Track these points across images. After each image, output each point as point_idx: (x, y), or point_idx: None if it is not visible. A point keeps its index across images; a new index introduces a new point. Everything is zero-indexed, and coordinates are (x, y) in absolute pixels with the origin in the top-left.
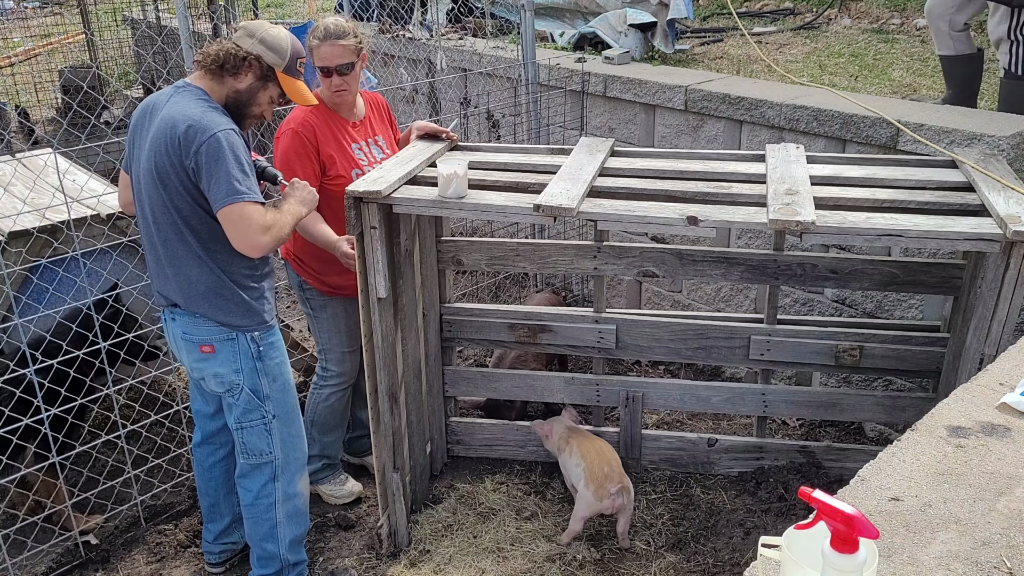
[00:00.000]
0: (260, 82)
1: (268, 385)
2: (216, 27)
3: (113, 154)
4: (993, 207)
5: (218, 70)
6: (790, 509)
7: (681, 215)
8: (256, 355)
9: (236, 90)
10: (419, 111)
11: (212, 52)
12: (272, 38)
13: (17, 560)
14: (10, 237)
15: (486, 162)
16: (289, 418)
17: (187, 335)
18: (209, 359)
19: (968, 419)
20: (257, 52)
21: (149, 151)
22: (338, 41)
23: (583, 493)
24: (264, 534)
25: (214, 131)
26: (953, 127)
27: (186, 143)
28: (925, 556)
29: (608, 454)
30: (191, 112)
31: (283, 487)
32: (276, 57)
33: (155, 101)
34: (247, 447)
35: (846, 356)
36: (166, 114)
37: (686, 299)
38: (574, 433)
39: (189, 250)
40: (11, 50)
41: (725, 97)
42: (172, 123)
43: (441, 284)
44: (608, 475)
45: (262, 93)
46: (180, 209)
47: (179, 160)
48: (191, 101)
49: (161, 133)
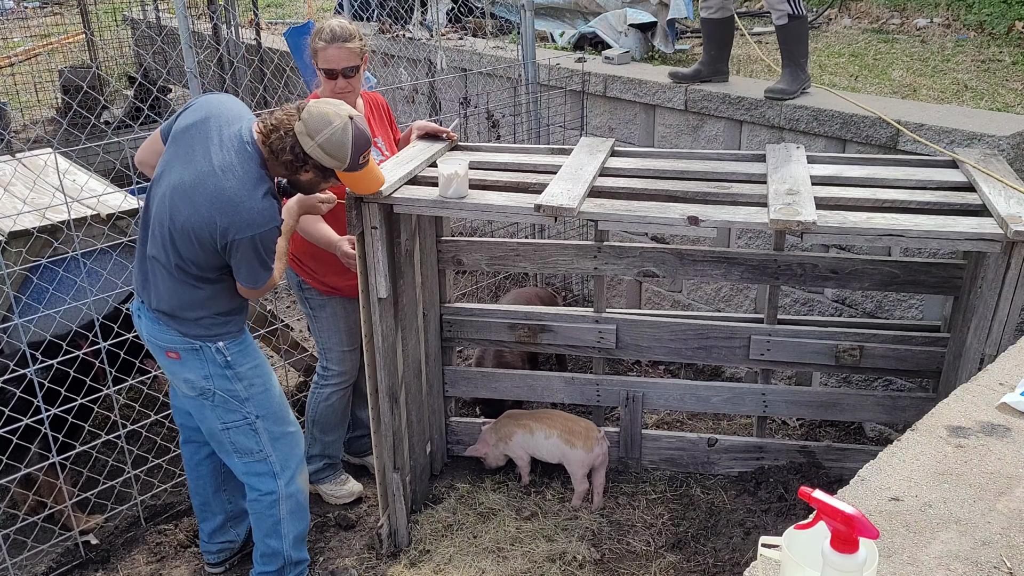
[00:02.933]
0: (320, 175)
1: (245, 389)
2: (216, 27)
3: (113, 154)
4: (994, 207)
5: (275, 158)
6: (790, 509)
7: (682, 215)
8: (224, 363)
9: (296, 179)
10: (419, 111)
11: (272, 139)
12: (333, 145)
13: (17, 560)
14: (10, 237)
15: (486, 162)
16: (277, 416)
17: (152, 339)
18: (176, 365)
19: (968, 419)
20: (316, 157)
21: (186, 198)
22: (345, 44)
23: (574, 454)
24: (268, 530)
25: (255, 232)
26: (953, 127)
27: (228, 230)
28: (925, 556)
29: (562, 414)
30: (245, 196)
31: (284, 484)
32: (336, 162)
33: (220, 123)
34: (236, 447)
35: (846, 356)
36: (222, 181)
37: (686, 299)
38: (512, 420)
39: (174, 276)
40: (11, 50)
41: (725, 97)
42: (224, 194)
43: (441, 284)
44: (585, 428)
45: (323, 183)
46: (184, 254)
47: (211, 233)
48: (253, 175)
49: (208, 197)
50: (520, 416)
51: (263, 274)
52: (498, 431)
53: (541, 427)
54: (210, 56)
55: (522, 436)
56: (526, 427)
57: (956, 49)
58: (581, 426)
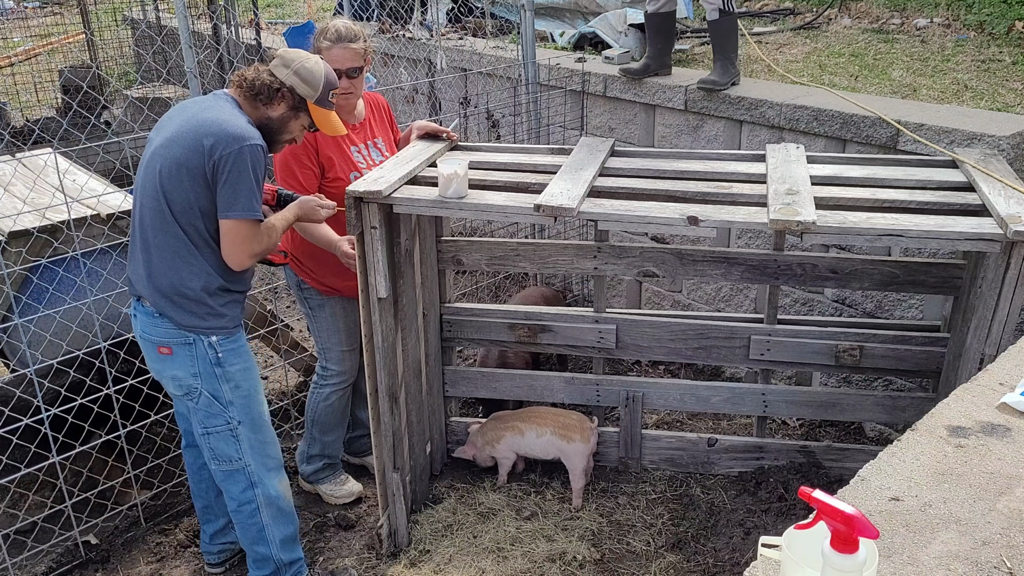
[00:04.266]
0: (292, 112)
1: (230, 391)
2: (216, 27)
3: (113, 154)
4: (994, 207)
5: (252, 97)
6: (790, 509)
7: (682, 215)
8: (215, 361)
9: (268, 117)
10: (419, 111)
11: (248, 77)
12: (307, 70)
13: (17, 560)
14: (10, 237)
15: (486, 162)
16: (256, 424)
17: (145, 334)
18: (166, 361)
19: (968, 419)
20: (291, 83)
21: (170, 139)
22: (350, 45)
23: (573, 448)
24: (253, 538)
25: (246, 143)
26: (953, 127)
27: (215, 144)
28: (925, 556)
29: (550, 410)
30: (228, 118)
31: (263, 492)
32: (309, 89)
33: (193, 101)
34: (215, 453)
35: (846, 356)
36: (202, 113)
37: (686, 299)
38: (499, 423)
39: (168, 242)
40: (11, 50)
41: (725, 97)
42: (207, 121)
43: (441, 284)
44: (578, 420)
45: (294, 122)
46: (174, 202)
47: (200, 155)
48: (231, 109)
49: (191, 128)
50: (507, 418)
51: (255, 200)
52: (484, 435)
53: (531, 427)
54: (210, 56)
55: (511, 438)
56: (515, 429)
57: (956, 49)
58: (573, 419)
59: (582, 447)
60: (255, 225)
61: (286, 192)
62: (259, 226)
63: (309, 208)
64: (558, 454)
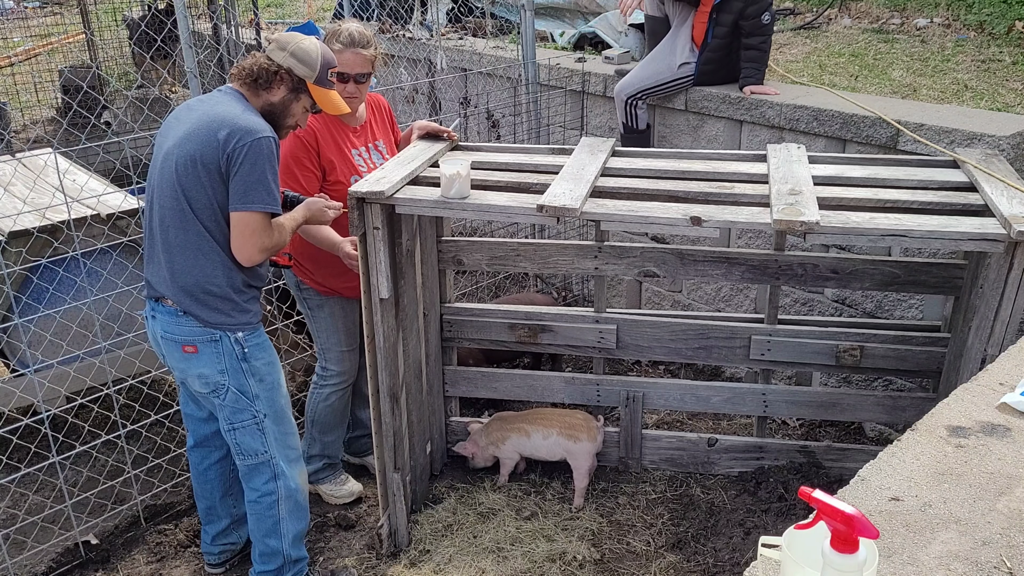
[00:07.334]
0: (293, 94)
1: (256, 385)
2: (216, 27)
3: (113, 154)
4: (996, 207)
5: (252, 84)
6: (790, 509)
7: (685, 215)
8: (241, 356)
9: (270, 103)
10: (419, 111)
11: (246, 66)
12: (303, 51)
13: (17, 560)
14: (10, 237)
15: (487, 162)
16: (279, 416)
17: (168, 334)
18: (192, 359)
19: (968, 419)
20: (288, 65)
21: (184, 137)
22: (362, 50)
23: (580, 447)
24: (267, 530)
25: (261, 135)
26: (953, 127)
27: (229, 136)
28: (925, 556)
29: (554, 411)
30: (240, 112)
31: (284, 484)
32: (307, 69)
33: (199, 100)
34: (241, 448)
35: (846, 356)
36: (212, 109)
37: (686, 299)
38: (504, 423)
39: (190, 240)
40: (11, 50)
41: (725, 97)
42: (219, 115)
43: (442, 284)
44: (584, 419)
45: (295, 104)
46: (194, 199)
47: (215, 149)
48: (239, 104)
49: (204, 123)
50: (512, 419)
51: (271, 192)
52: (489, 435)
53: (537, 428)
54: (210, 56)
55: (517, 440)
56: (520, 431)
57: (956, 49)
58: (579, 419)
59: (589, 446)
60: (266, 219)
61: (292, 194)
62: (271, 220)
63: (317, 209)
64: (565, 455)
